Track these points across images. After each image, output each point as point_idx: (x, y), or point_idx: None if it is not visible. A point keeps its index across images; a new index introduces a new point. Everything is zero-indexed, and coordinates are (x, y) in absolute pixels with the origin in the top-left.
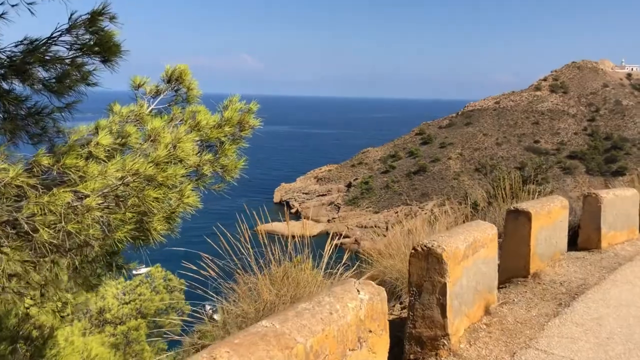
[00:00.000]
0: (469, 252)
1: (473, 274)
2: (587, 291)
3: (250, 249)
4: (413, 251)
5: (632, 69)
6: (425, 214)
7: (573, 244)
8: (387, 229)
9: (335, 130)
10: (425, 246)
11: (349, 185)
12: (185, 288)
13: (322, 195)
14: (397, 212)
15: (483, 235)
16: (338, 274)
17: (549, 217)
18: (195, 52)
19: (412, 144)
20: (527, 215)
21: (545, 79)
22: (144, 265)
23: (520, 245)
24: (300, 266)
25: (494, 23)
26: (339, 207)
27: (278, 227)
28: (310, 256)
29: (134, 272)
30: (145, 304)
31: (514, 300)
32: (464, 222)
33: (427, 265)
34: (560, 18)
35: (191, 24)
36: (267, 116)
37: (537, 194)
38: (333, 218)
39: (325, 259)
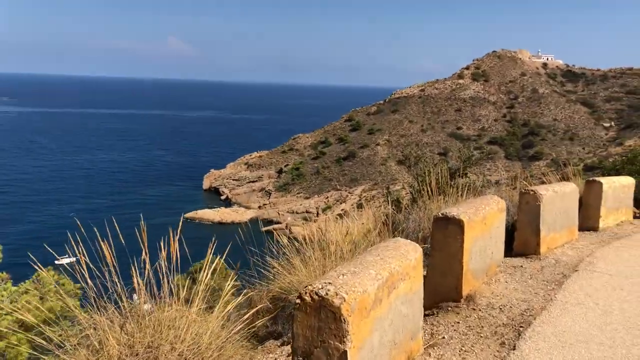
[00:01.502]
0: (383, 293)
1: (389, 325)
2: (534, 321)
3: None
4: (298, 302)
5: (547, 59)
6: (355, 199)
7: (508, 247)
8: (317, 214)
9: (266, 116)
10: (316, 294)
11: (280, 172)
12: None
13: (253, 181)
14: (327, 198)
15: (403, 264)
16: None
17: (484, 224)
18: (119, 36)
19: (341, 130)
20: (459, 225)
21: (467, 68)
22: (66, 256)
23: (450, 261)
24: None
25: (421, 11)
26: (270, 193)
27: (207, 214)
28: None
29: (56, 262)
30: (32, 314)
31: (444, 338)
32: (380, 230)
33: (319, 324)
34: (482, 6)
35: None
36: (197, 102)
37: (466, 189)
38: (264, 204)
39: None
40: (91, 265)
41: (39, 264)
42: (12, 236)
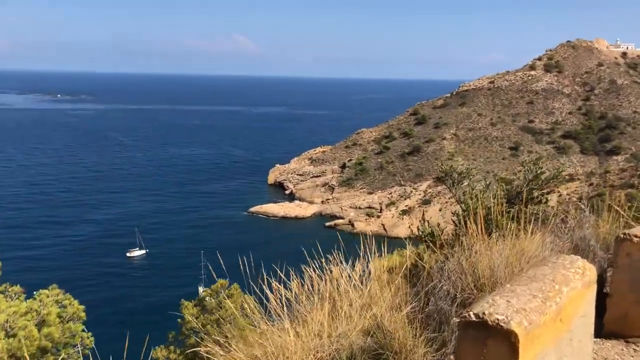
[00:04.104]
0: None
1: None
2: None
3: None
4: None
5: (627, 48)
6: (419, 195)
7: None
8: (380, 210)
9: (330, 112)
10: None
11: (343, 166)
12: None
13: (317, 176)
14: (391, 193)
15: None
16: None
17: (560, 321)
18: (191, 35)
19: (406, 124)
20: (508, 340)
21: (539, 59)
22: (137, 248)
23: None
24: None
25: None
26: (333, 188)
27: (271, 208)
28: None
29: (128, 254)
30: (26, 342)
31: None
32: (399, 287)
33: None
34: None
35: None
36: (264, 98)
37: (532, 222)
38: (327, 199)
39: None
40: None
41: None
42: (88, 227)
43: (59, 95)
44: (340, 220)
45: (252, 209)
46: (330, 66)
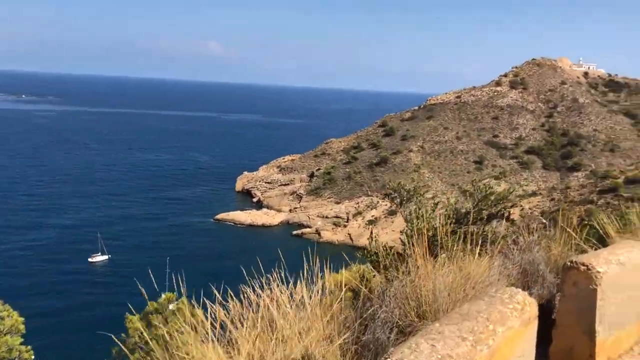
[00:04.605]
0: None
1: None
2: None
3: None
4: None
5: (589, 68)
6: (386, 205)
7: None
8: (347, 219)
9: (301, 120)
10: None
11: (311, 175)
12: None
13: (285, 184)
14: (358, 203)
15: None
16: None
17: None
18: (157, 37)
19: (374, 135)
20: None
21: (505, 75)
22: (99, 254)
23: None
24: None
25: (457, 19)
26: (301, 197)
27: (238, 216)
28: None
29: (90, 260)
30: None
31: None
32: (341, 308)
33: None
34: (522, 15)
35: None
36: (235, 105)
37: (479, 244)
38: (295, 208)
39: None
40: None
41: None
42: (49, 232)
43: (23, 96)
44: (308, 229)
45: (219, 216)
46: (305, 76)
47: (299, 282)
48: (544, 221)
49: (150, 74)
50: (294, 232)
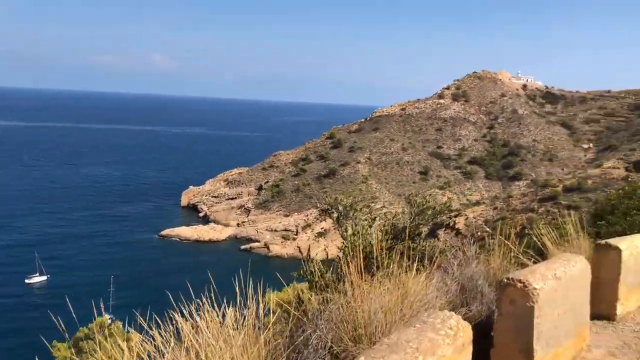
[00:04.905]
0: None
1: None
2: None
3: None
4: None
5: (527, 80)
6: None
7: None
8: (297, 232)
9: (248, 133)
10: None
11: (259, 189)
12: None
13: (232, 198)
14: (307, 216)
15: None
16: None
17: None
18: (102, 51)
19: (322, 147)
20: None
21: (448, 88)
22: (37, 274)
23: None
24: None
25: (403, 32)
26: (249, 211)
27: (184, 231)
28: None
29: (27, 281)
30: None
31: None
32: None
33: None
34: (463, 28)
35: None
36: (181, 118)
37: (417, 260)
38: (243, 222)
39: None
40: None
41: None
42: None
43: None
44: (256, 244)
45: (164, 232)
46: (251, 88)
47: (231, 304)
48: (488, 229)
49: (91, 87)
50: (242, 247)
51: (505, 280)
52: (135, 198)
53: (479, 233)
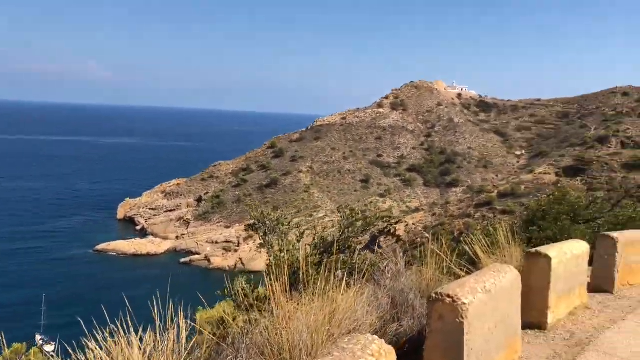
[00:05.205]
0: None
1: None
2: None
3: None
4: None
5: (461, 90)
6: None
7: None
8: (238, 244)
9: (186, 143)
10: None
11: (199, 200)
12: None
13: (171, 210)
14: (249, 227)
15: None
16: None
17: None
18: (33, 59)
19: (264, 157)
20: None
21: (386, 97)
22: None
23: None
24: None
25: (337, 43)
26: (188, 223)
27: (121, 245)
28: None
29: None
30: None
31: None
32: None
33: None
34: (398, 38)
35: (24, 25)
36: (117, 128)
37: (345, 274)
38: (182, 234)
39: None
40: None
41: None
42: None
43: None
44: (196, 256)
45: (100, 247)
46: (188, 97)
47: (150, 327)
48: (427, 235)
49: (18, 96)
50: (182, 260)
51: (434, 296)
52: (68, 212)
53: (419, 239)
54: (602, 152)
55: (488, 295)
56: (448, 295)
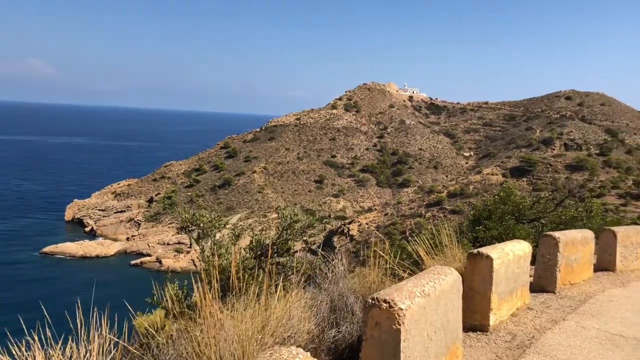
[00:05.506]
0: None
1: None
2: None
3: None
4: None
5: (413, 92)
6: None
7: None
8: (190, 245)
9: (136, 143)
10: None
11: (150, 201)
12: None
13: (121, 211)
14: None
15: None
16: None
17: None
18: None
19: (217, 157)
20: None
21: (340, 99)
22: None
23: None
24: None
25: (291, 43)
26: (139, 224)
27: (69, 247)
28: None
29: None
30: None
31: None
32: None
33: None
34: (353, 42)
35: None
36: (63, 127)
37: (281, 278)
38: (133, 236)
39: None
40: None
41: None
42: None
43: None
44: (147, 258)
45: (46, 249)
46: (137, 96)
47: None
48: (380, 235)
49: None
50: (133, 262)
51: (370, 301)
52: (11, 214)
53: (371, 239)
54: (547, 154)
55: (427, 299)
56: (384, 301)
